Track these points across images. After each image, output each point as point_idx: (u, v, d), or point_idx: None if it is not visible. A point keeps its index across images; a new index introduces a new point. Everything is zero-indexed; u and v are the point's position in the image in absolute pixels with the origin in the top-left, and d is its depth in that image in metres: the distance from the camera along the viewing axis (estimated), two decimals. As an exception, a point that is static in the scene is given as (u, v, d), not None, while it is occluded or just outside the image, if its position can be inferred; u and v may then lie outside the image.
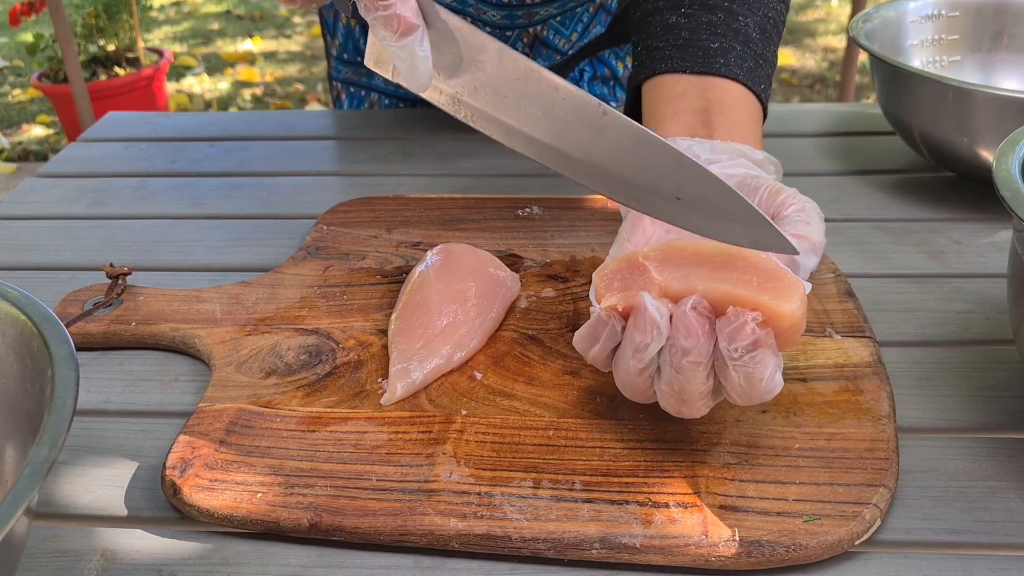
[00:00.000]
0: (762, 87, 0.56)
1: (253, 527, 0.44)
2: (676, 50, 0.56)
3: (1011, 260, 0.49)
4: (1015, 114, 0.64)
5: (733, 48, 0.55)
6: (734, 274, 0.41)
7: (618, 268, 0.44)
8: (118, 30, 2.81)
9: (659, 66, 0.56)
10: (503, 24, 0.80)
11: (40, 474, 0.31)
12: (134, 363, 0.57)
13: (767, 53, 0.57)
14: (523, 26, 0.81)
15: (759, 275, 0.41)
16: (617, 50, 0.88)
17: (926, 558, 0.42)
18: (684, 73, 0.56)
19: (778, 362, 0.41)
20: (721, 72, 0.55)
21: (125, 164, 0.86)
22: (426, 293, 0.55)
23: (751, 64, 0.56)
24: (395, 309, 0.55)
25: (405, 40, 0.43)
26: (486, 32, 0.45)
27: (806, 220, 0.47)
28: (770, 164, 0.53)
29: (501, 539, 0.42)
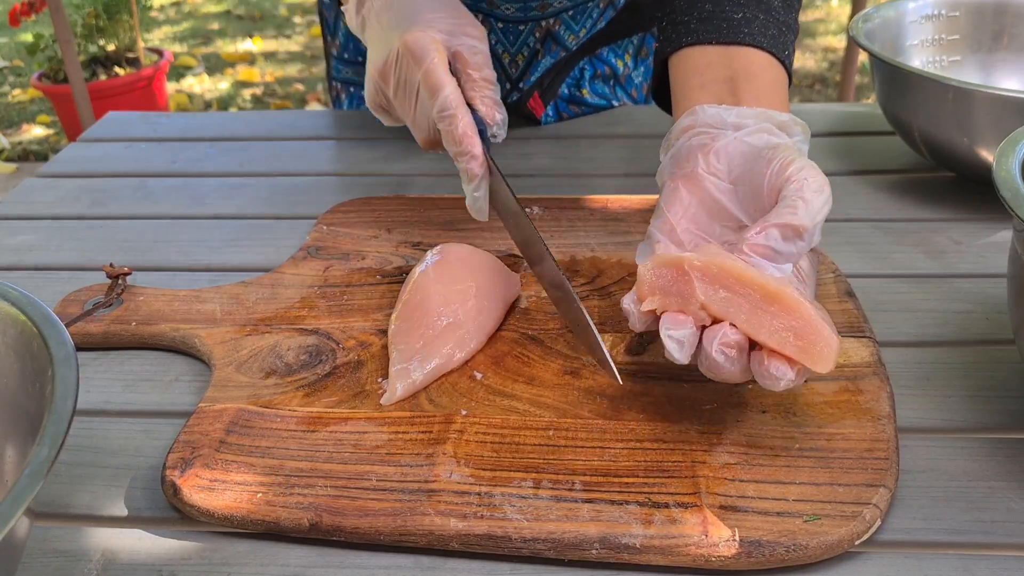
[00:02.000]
0: (786, 53, 0.58)
1: (253, 527, 0.44)
2: (701, 23, 0.58)
3: (1011, 260, 0.49)
4: (1015, 114, 0.64)
5: (756, 17, 0.58)
6: (773, 322, 0.42)
7: (663, 271, 0.45)
8: (118, 30, 2.81)
9: (684, 39, 0.58)
10: (517, 17, 0.81)
11: (40, 474, 0.31)
12: (134, 363, 0.57)
13: (789, 20, 0.59)
14: (537, 19, 0.81)
15: (796, 330, 0.42)
16: (615, 48, 0.88)
17: (926, 558, 0.42)
18: (710, 44, 0.57)
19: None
20: (746, 41, 0.57)
21: (125, 164, 0.86)
22: (426, 294, 0.55)
23: (774, 32, 0.58)
24: (395, 310, 0.55)
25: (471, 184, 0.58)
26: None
27: (792, 206, 0.47)
28: (796, 126, 0.54)
29: (501, 539, 0.42)
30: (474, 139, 0.58)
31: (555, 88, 0.87)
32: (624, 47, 0.89)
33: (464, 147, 0.58)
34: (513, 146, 0.85)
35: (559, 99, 0.90)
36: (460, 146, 0.58)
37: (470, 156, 0.58)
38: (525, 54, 0.83)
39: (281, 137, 0.90)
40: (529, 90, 0.86)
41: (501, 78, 0.86)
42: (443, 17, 0.62)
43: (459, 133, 0.58)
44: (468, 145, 0.58)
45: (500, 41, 0.82)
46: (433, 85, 0.58)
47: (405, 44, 0.59)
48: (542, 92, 0.87)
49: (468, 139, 0.58)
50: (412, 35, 0.59)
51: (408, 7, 0.62)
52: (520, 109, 0.87)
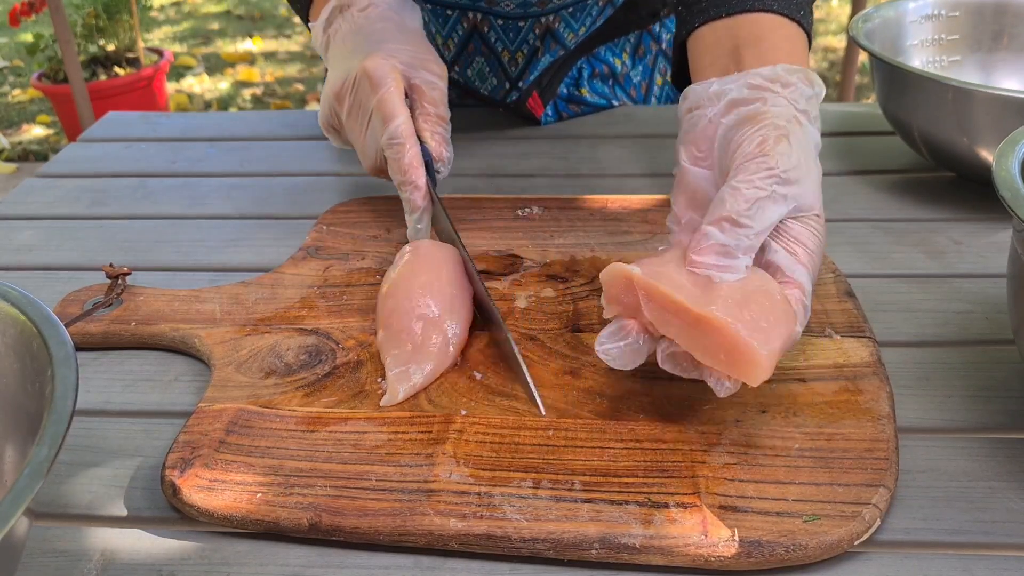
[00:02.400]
0: (801, 14, 0.57)
1: (253, 527, 0.44)
2: (711, 1, 0.58)
3: (1011, 260, 0.49)
4: (1015, 114, 0.64)
5: None
6: (704, 342, 0.44)
7: (616, 283, 0.46)
8: (118, 30, 2.81)
9: (696, 20, 0.59)
10: (516, 14, 0.80)
11: (40, 474, 0.31)
12: (134, 363, 0.57)
13: None
14: (536, 15, 0.81)
15: (725, 348, 0.43)
16: (612, 46, 0.88)
17: (926, 558, 0.42)
18: (719, 19, 0.57)
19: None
20: (754, 7, 0.56)
21: (125, 164, 0.86)
22: (396, 298, 0.55)
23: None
24: (376, 322, 0.55)
25: (413, 215, 0.61)
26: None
27: (720, 199, 0.46)
28: (792, 75, 0.52)
29: (501, 539, 0.42)
30: (419, 170, 0.60)
31: (554, 87, 0.87)
32: (621, 46, 0.89)
33: (409, 177, 0.60)
34: (513, 146, 0.85)
35: (558, 99, 0.89)
36: (405, 176, 0.60)
37: (414, 186, 0.60)
38: (525, 51, 0.83)
39: (281, 137, 0.90)
40: (528, 89, 0.86)
41: (500, 77, 0.86)
42: (407, 49, 0.63)
43: (405, 163, 0.59)
44: (413, 175, 0.59)
45: (500, 39, 0.82)
46: (387, 113, 0.59)
47: (364, 69, 0.61)
48: (541, 91, 0.87)
49: (414, 170, 0.60)
50: (373, 60, 0.61)
51: (374, 34, 0.64)
52: (519, 109, 0.87)
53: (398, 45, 0.63)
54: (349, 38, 0.65)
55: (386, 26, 0.65)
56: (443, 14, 0.82)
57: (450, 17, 0.82)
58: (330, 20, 0.67)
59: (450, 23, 0.82)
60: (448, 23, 0.82)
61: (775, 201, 0.46)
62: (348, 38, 0.65)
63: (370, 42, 0.63)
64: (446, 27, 0.83)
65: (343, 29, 0.66)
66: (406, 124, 0.60)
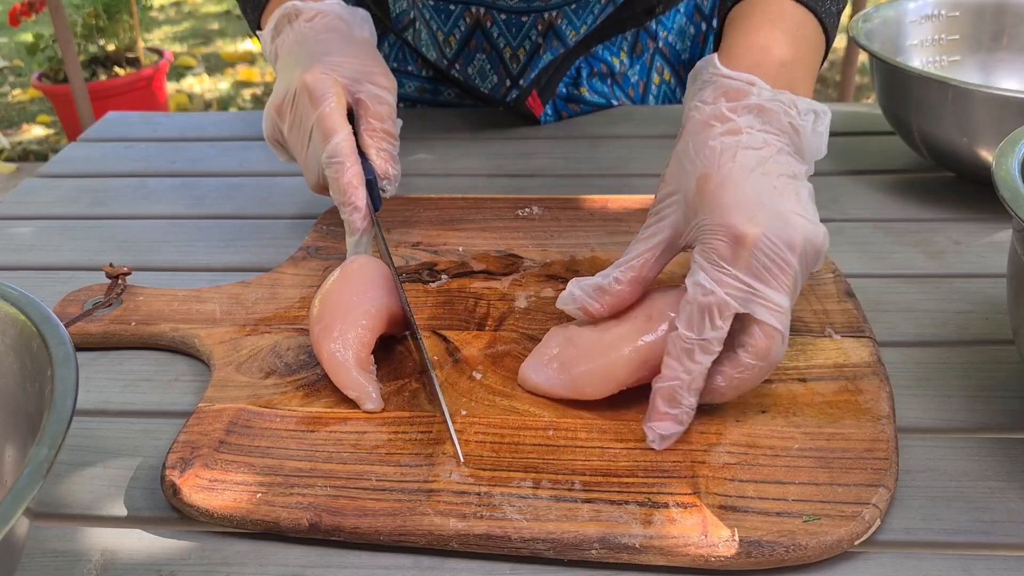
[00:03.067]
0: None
1: (253, 527, 0.44)
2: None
3: (1011, 260, 0.49)
4: (1015, 114, 0.64)
5: None
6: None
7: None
8: (118, 30, 2.81)
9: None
10: (519, 8, 0.80)
11: (40, 474, 0.31)
12: (134, 363, 0.57)
13: None
14: (540, 10, 0.81)
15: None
16: (609, 45, 0.88)
17: (926, 558, 0.42)
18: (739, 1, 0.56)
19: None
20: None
21: (125, 164, 0.86)
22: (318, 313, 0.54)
23: None
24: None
25: (352, 237, 0.59)
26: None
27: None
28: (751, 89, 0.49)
29: (501, 539, 0.42)
30: (359, 191, 0.58)
31: (552, 87, 0.87)
32: (618, 44, 0.89)
33: (348, 198, 0.58)
34: (513, 146, 0.85)
35: (558, 98, 0.89)
36: (344, 196, 0.58)
37: (353, 207, 0.58)
38: (527, 48, 0.83)
39: (281, 137, 0.90)
40: (527, 88, 0.86)
41: (501, 75, 0.85)
42: (351, 62, 0.61)
43: (344, 182, 0.58)
44: (352, 196, 0.58)
45: (503, 34, 0.82)
46: (326, 129, 0.58)
47: (304, 83, 0.59)
48: (540, 91, 0.86)
49: (353, 190, 0.58)
50: (313, 75, 0.59)
51: (317, 45, 0.62)
52: (519, 108, 0.87)
53: (343, 58, 0.61)
54: (294, 49, 0.63)
55: (331, 36, 0.63)
56: (446, 9, 0.82)
57: (453, 12, 0.82)
58: (277, 29, 0.65)
59: (453, 18, 0.82)
60: (451, 18, 0.82)
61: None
62: (293, 49, 0.63)
63: (312, 54, 0.61)
64: (448, 22, 0.82)
65: (289, 39, 0.64)
66: (346, 141, 0.58)
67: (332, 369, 0.50)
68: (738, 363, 0.45)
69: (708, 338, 0.44)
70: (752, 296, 0.44)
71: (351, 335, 0.51)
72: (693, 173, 0.48)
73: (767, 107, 0.49)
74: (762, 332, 0.44)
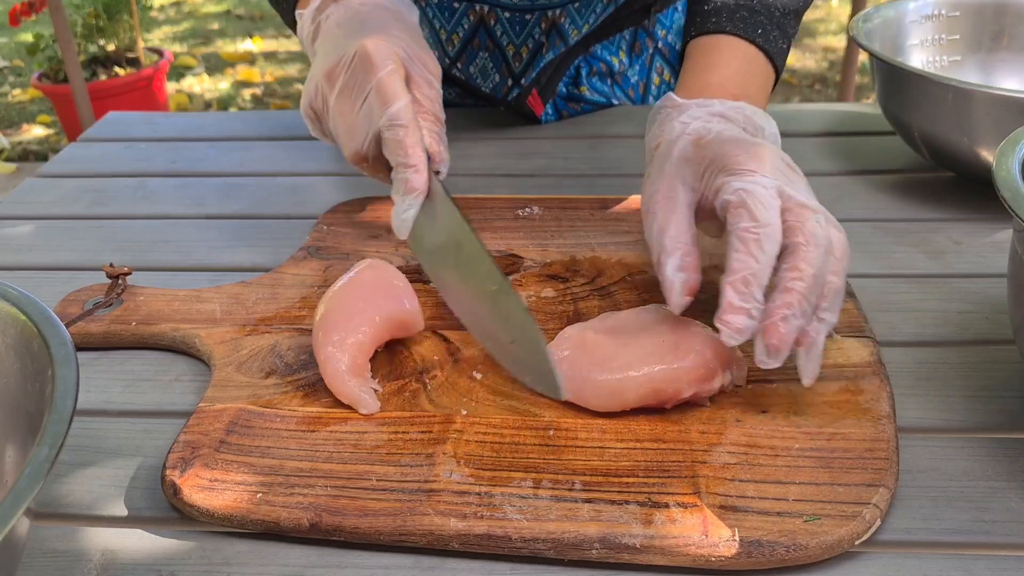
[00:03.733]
0: (758, 32, 0.63)
1: (253, 527, 0.44)
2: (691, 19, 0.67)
3: (1011, 260, 0.49)
4: (1015, 114, 0.64)
5: (726, 4, 0.64)
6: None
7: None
8: (118, 30, 2.81)
9: (688, 34, 0.66)
10: (523, 6, 0.80)
11: (40, 474, 0.31)
12: (134, 363, 0.57)
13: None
14: (544, 7, 0.81)
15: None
16: (608, 44, 0.88)
17: (926, 558, 0.42)
18: (692, 39, 0.65)
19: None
20: (711, 30, 0.63)
21: (125, 164, 0.86)
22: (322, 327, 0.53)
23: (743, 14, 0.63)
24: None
25: (406, 197, 0.56)
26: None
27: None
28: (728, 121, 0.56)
29: (501, 539, 0.42)
30: (420, 151, 0.56)
31: (553, 86, 0.87)
32: (617, 43, 0.89)
33: (409, 158, 0.56)
34: (513, 146, 0.85)
35: (558, 97, 0.89)
36: (407, 157, 0.56)
37: (413, 168, 0.56)
38: (530, 46, 0.83)
39: (281, 137, 0.90)
40: (528, 87, 0.86)
41: (503, 73, 0.85)
42: (407, 40, 0.60)
43: (408, 143, 0.56)
44: (413, 156, 0.56)
45: (506, 32, 0.82)
46: (388, 94, 0.56)
47: (364, 47, 0.57)
48: (540, 90, 0.87)
49: (413, 150, 0.56)
50: (374, 41, 0.58)
51: (372, 21, 0.61)
52: (520, 107, 0.87)
53: (401, 33, 0.60)
54: (344, 23, 0.62)
55: (385, 15, 0.62)
56: (450, 7, 0.82)
57: (457, 9, 0.82)
58: (321, 8, 0.64)
59: (456, 15, 0.82)
60: (455, 16, 0.82)
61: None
62: (343, 23, 0.62)
63: (370, 25, 0.60)
64: (452, 20, 0.82)
65: (335, 15, 0.63)
66: (409, 107, 0.56)
67: (327, 375, 0.50)
68: (798, 259, 0.46)
69: (771, 223, 0.46)
70: (783, 187, 0.48)
71: (350, 341, 0.51)
72: (684, 145, 0.53)
73: (727, 113, 0.56)
74: (806, 223, 0.46)
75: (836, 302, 0.47)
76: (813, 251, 0.46)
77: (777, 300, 0.45)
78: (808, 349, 0.46)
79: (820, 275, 0.46)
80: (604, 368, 0.48)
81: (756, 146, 0.51)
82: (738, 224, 0.47)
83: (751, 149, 0.50)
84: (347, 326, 0.52)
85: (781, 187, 0.48)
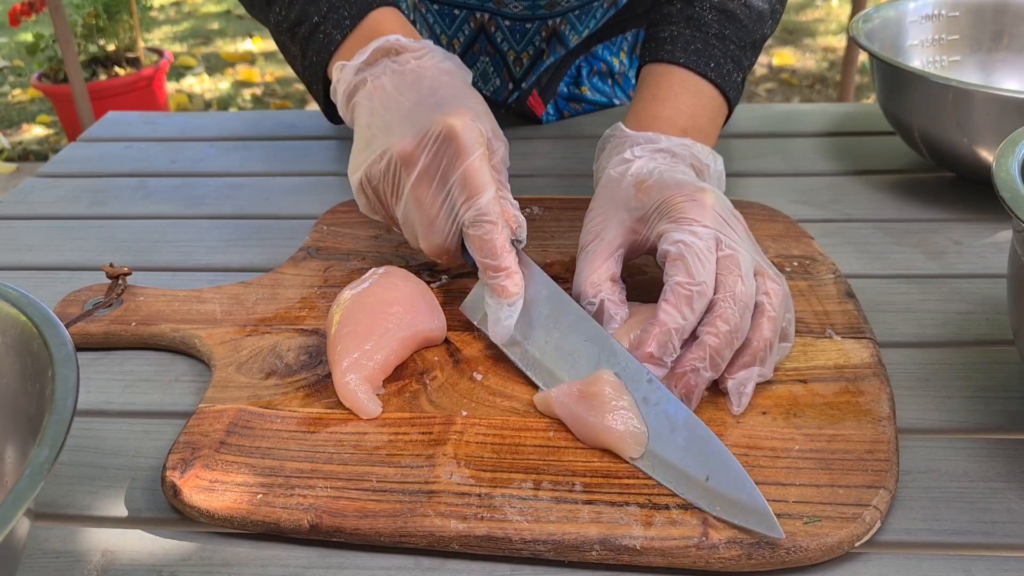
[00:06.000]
0: (711, 66, 0.61)
1: (253, 528, 0.44)
2: (645, 46, 0.65)
3: (1011, 260, 0.49)
4: (1015, 114, 0.64)
5: (682, 34, 0.62)
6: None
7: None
8: (118, 30, 2.81)
9: (643, 59, 0.65)
10: (525, 16, 0.80)
11: (41, 475, 0.31)
12: (134, 364, 0.57)
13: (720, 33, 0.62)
14: (544, 17, 0.81)
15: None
16: (609, 45, 0.88)
17: (926, 559, 0.42)
18: (645, 64, 0.64)
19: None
20: (662, 59, 0.62)
21: (125, 164, 0.86)
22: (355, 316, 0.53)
23: (697, 46, 0.62)
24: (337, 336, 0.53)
25: (503, 303, 0.52)
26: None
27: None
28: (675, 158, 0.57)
29: (501, 540, 0.42)
30: (511, 255, 0.52)
31: (554, 86, 0.87)
32: (619, 44, 0.89)
33: (501, 261, 0.51)
34: (513, 146, 0.84)
35: (559, 97, 0.90)
36: (497, 259, 0.51)
37: (508, 272, 0.51)
38: (530, 52, 0.83)
39: (281, 137, 0.90)
40: (528, 89, 0.86)
41: (504, 78, 0.86)
42: (483, 112, 0.54)
43: (498, 246, 0.51)
44: (506, 259, 0.52)
45: (506, 39, 0.82)
46: (477, 185, 0.51)
47: (452, 128, 0.51)
48: (541, 90, 0.87)
49: (506, 253, 0.52)
50: (462, 120, 0.52)
51: (444, 87, 0.55)
52: (520, 108, 0.87)
53: (478, 105, 0.55)
54: (406, 87, 0.55)
55: (454, 81, 0.56)
56: (450, 13, 0.82)
57: (457, 16, 0.82)
58: (369, 62, 0.57)
59: (457, 22, 0.82)
60: (455, 22, 0.82)
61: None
62: (404, 87, 0.55)
63: (447, 99, 0.54)
64: (452, 26, 0.82)
65: (389, 73, 0.56)
66: (497, 200, 0.52)
67: (342, 393, 0.50)
68: (715, 315, 0.48)
69: (705, 281, 0.48)
70: (719, 235, 0.50)
71: (370, 365, 0.51)
72: (626, 186, 0.54)
73: (674, 150, 0.57)
74: (728, 280, 0.49)
75: (769, 351, 0.49)
76: (730, 309, 0.48)
77: (692, 353, 0.48)
78: (735, 383, 0.49)
79: (736, 330, 0.48)
80: (591, 409, 0.47)
81: (698, 191, 0.52)
82: (674, 277, 0.49)
83: (694, 195, 0.51)
84: (378, 342, 0.52)
85: (718, 236, 0.50)
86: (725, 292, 0.48)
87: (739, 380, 0.49)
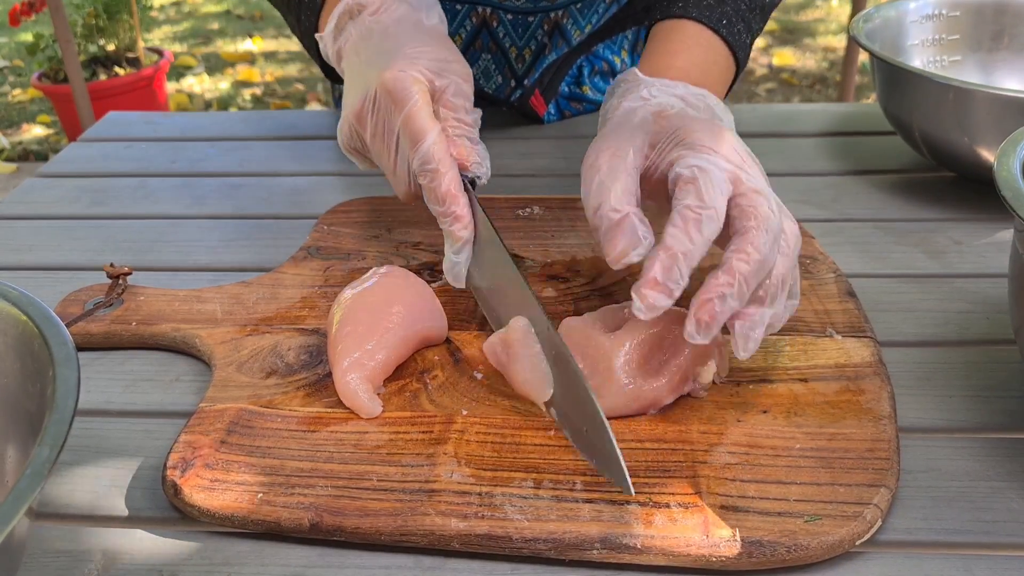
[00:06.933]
0: (724, 23, 0.61)
1: (254, 527, 0.44)
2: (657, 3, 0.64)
3: (1011, 260, 0.49)
4: (1015, 114, 0.64)
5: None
6: None
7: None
8: (118, 30, 2.81)
9: (651, 16, 0.64)
10: (526, 8, 0.80)
11: (41, 474, 0.31)
12: (135, 363, 0.57)
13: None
14: (546, 10, 0.81)
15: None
16: (610, 44, 0.88)
17: (927, 558, 0.42)
18: (657, 22, 0.63)
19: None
20: (675, 14, 0.61)
21: (125, 164, 0.86)
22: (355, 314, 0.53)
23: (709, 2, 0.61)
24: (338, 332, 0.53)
25: (453, 246, 0.54)
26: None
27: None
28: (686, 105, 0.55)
29: (502, 539, 0.42)
30: (459, 198, 0.53)
31: (555, 86, 0.87)
32: (619, 43, 0.89)
33: (448, 207, 0.53)
34: (514, 145, 0.85)
35: (560, 97, 0.90)
36: (443, 206, 0.53)
37: (454, 217, 0.53)
38: (532, 48, 0.83)
39: (281, 137, 0.90)
40: (531, 87, 0.86)
41: (506, 75, 0.85)
42: (428, 51, 0.56)
43: (442, 191, 0.53)
44: (452, 205, 0.53)
45: (508, 34, 0.82)
46: (415, 132, 0.53)
47: (383, 83, 0.54)
48: (543, 90, 0.87)
49: (452, 198, 0.53)
50: (392, 73, 0.54)
51: (388, 40, 0.57)
52: (522, 107, 0.87)
53: (418, 48, 0.56)
54: (362, 46, 0.58)
55: (401, 28, 0.58)
56: (452, 8, 0.82)
57: (459, 12, 0.82)
58: (339, 27, 0.60)
59: (459, 17, 0.82)
60: (457, 17, 0.82)
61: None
62: (361, 46, 0.58)
63: (386, 48, 0.56)
64: (454, 22, 0.82)
65: (354, 36, 0.59)
66: (438, 144, 0.53)
67: (342, 392, 0.50)
68: (746, 242, 0.44)
69: (716, 207, 0.44)
70: (739, 172, 0.47)
71: (371, 364, 0.51)
72: (644, 114, 0.52)
73: (690, 99, 0.55)
74: (759, 208, 0.45)
75: (782, 289, 0.47)
76: (763, 236, 0.44)
77: (719, 278, 0.44)
78: (744, 324, 0.45)
79: (766, 261, 0.45)
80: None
81: (719, 128, 0.49)
82: (683, 200, 0.45)
83: (713, 129, 0.49)
84: (377, 342, 0.51)
85: (736, 172, 0.46)
86: (758, 220, 0.45)
87: (748, 322, 0.45)
